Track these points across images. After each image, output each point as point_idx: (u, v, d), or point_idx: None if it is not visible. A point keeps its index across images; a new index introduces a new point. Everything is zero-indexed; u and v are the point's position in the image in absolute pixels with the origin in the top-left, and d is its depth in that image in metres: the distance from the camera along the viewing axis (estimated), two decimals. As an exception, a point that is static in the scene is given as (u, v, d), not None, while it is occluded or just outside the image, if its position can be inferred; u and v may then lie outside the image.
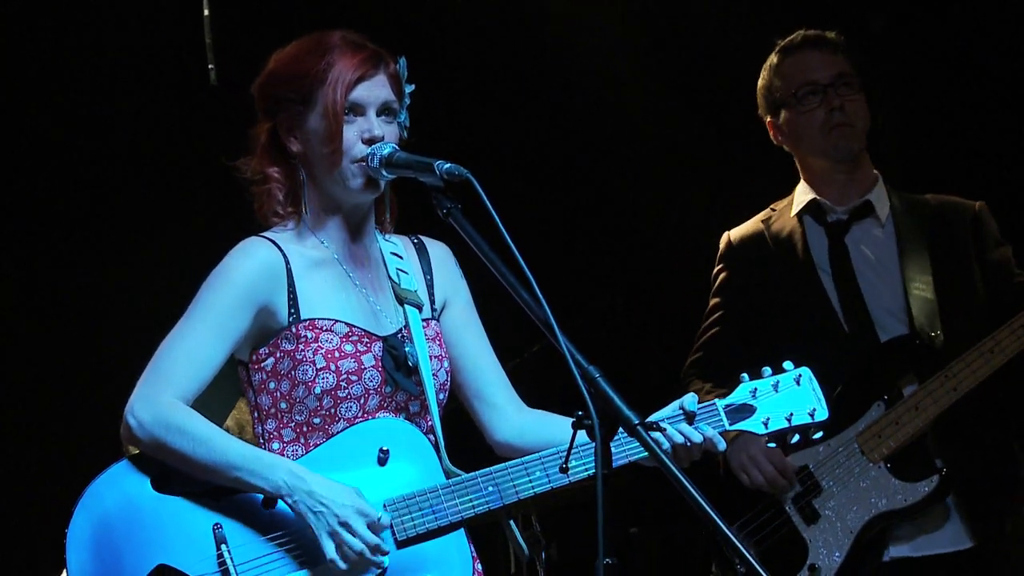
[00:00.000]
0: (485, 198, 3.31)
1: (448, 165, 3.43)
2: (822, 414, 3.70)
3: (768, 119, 5.02)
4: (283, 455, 3.66)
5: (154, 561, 3.53)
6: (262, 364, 3.68)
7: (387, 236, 3.85)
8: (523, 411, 3.88)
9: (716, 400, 3.69)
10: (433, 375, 3.73)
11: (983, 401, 4.67)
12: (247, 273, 3.65)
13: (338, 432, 3.65)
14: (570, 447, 3.32)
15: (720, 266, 5.06)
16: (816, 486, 4.70)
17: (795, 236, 4.92)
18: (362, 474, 3.64)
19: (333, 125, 3.64)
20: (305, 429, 3.66)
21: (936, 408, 4.60)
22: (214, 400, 3.69)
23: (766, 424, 3.70)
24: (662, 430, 3.52)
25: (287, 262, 3.68)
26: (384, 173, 3.63)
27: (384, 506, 3.61)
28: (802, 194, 4.98)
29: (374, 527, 3.55)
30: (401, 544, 3.60)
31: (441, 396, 3.77)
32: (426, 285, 3.84)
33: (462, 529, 3.64)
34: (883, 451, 4.64)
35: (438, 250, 3.90)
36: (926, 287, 4.76)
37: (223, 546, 3.56)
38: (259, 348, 3.68)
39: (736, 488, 4.73)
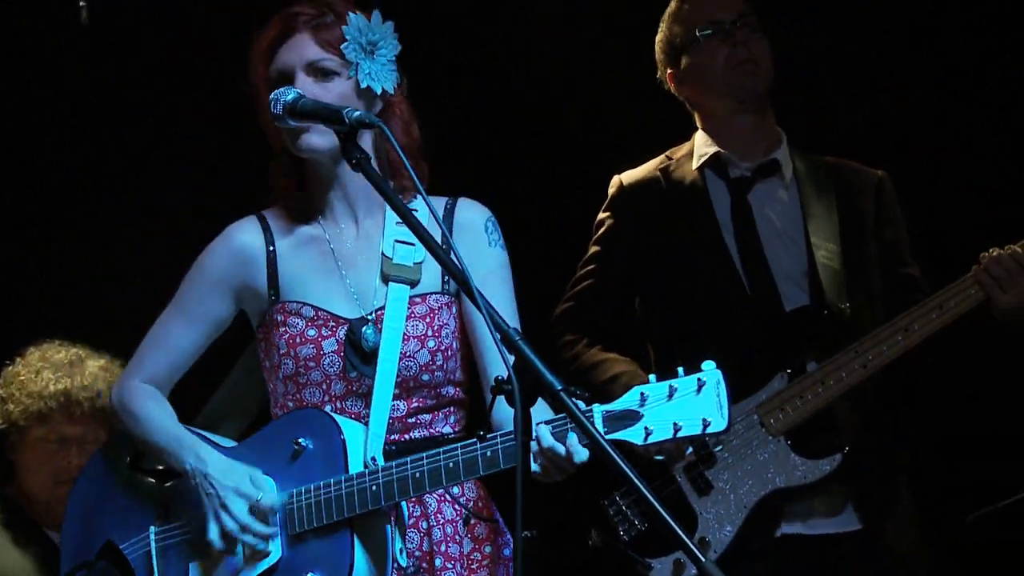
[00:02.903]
0: (397, 146, 3.30)
1: (359, 113, 3.39)
2: (718, 425, 3.23)
3: (668, 71, 4.85)
4: None
5: (107, 536, 3.76)
6: (259, 341, 3.75)
7: (413, 201, 3.66)
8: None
9: (595, 405, 3.31)
10: (408, 356, 3.57)
11: (883, 382, 4.55)
12: (217, 259, 3.74)
13: None
14: (488, 412, 3.22)
15: (608, 212, 4.82)
16: (710, 456, 4.53)
17: (696, 188, 4.73)
18: (276, 467, 3.60)
19: (256, 96, 3.63)
20: (285, 411, 3.67)
21: (842, 384, 4.46)
22: (256, 373, 3.79)
23: (648, 434, 3.27)
24: (584, 398, 3.25)
25: (270, 243, 3.69)
26: (290, 122, 3.51)
27: (290, 498, 3.53)
28: (704, 146, 4.79)
29: (255, 509, 3.50)
30: (293, 540, 3.52)
31: (426, 377, 3.60)
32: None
33: (349, 528, 3.48)
34: (785, 424, 4.48)
35: (466, 215, 3.71)
36: (832, 256, 4.62)
37: (152, 527, 3.71)
38: (258, 327, 3.74)
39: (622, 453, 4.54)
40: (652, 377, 3.29)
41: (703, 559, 2.90)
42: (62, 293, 5.78)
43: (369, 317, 3.61)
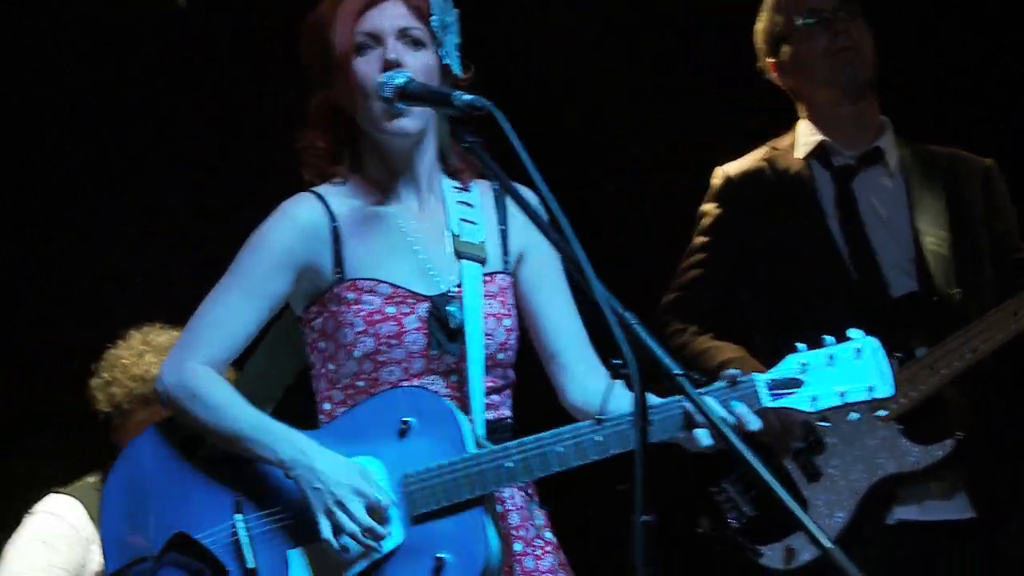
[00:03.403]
0: (510, 131, 3.16)
1: (469, 96, 3.29)
2: (884, 390, 3.32)
3: (769, 60, 4.86)
4: (333, 417, 3.55)
5: (174, 528, 3.48)
6: (312, 323, 3.58)
7: (462, 185, 3.66)
8: (600, 378, 3.62)
9: (754, 375, 3.38)
10: (488, 335, 3.53)
11: (995, 366, 4.55)
12: (284, 235, 3.55)
13: None
14: (604, 399, 3.25)
15: (713, 204, 4.84)
16: (819, 442, 4.54)
17: (803, 178, 4.75)
18: (381, 447, 3.47)
19: (342, 62, 3.49)
20: (351, 392, 3.54)
21: (952, 370, 4.46)
22: (280, 357, 3.75)
23: (814, 401, 3.36)
24: (702, 382, 3.29)
25: (333, 220, 3.55)
26: (398, 105, 3.44)
27: (403, 479, 3.44)
28: (807, 135, 4.81)
29: (373, 509, 3.40)
30: (416, 520, 3.42)
31: (501, 356, 3.56)
32: (500, 236, 3.63)
33: (481, 506, 3.43)
34: (895, 410, 4.47)
35: (522, 197, 3.65)
36: (941, 243, 4.62)
37: (237, 515, 3.48)
38: (310, 306, 3.58)
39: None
40: (802, 346, 3.36)
41: (828, 543, 2.90)
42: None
43: (450, 294, 3.56)
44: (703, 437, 3.32)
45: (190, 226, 5.73)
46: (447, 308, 3.51)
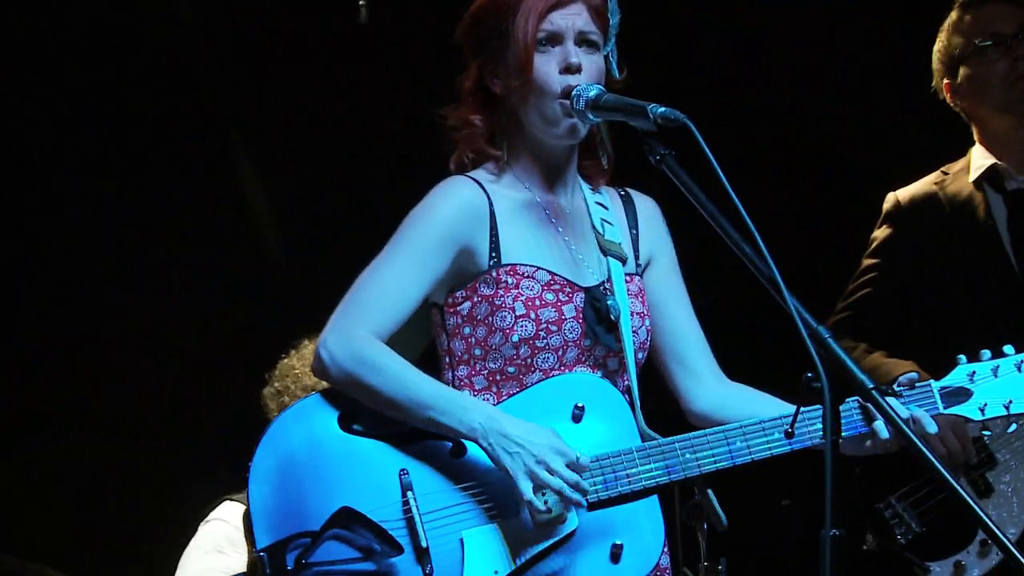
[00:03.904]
0: (704, 145, 3.18)
1: (663, 109, 3.32)
2: None
3: (945, 82, 4.88)
4: None
5: (338, 502, 3.41)
6: (458, 308, 3.58)
7: (592, 187, 3.73)
8: (724, 382, 3.75)
9: (931, 381, 3.54)
10: (633, 332, 3.61)
11: None
12: (450, 211, 3.55)
13: (533, 383, 3.54)
14: (797, 410, 3.30)
15: (884, 225, 4.90)
16: (991, 458, 4.58)
17: (975, 202, 4.79)
18: (555, 428, 3.48)
19: (523, 54, 3.52)
20: (498, 378, 3.56)
21: None
22: (398, 343, 3.57)
23: (983, 410, 3.55)
24: (897, 395, 3.40)
25: (490, 203, 3.57)
26: (590, 116, 3.50)
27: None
28: (980, 158, 4.84)
29: (574, 466, 3.41)
30: (591, 507, 3.46)
31: (640, 356, 3.64)
32: (631, 239, 3.72)
33: (655, 496, 3.51)
34: None
35: (646, 204, 3.78)
36: None
37: (409, 493, 3.44)
38: (456, 291, 3.58)
39: (898, 454, 4.62)
40: (985, 353, 3.53)
41: (1017, 552, 2.98)
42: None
43: (605, 287, 3.63)
44: (882, 429, 3.44)
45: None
46: (607, 301, 3.57)
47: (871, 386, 3.09)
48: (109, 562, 5.56)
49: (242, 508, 4.67)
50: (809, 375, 3.04)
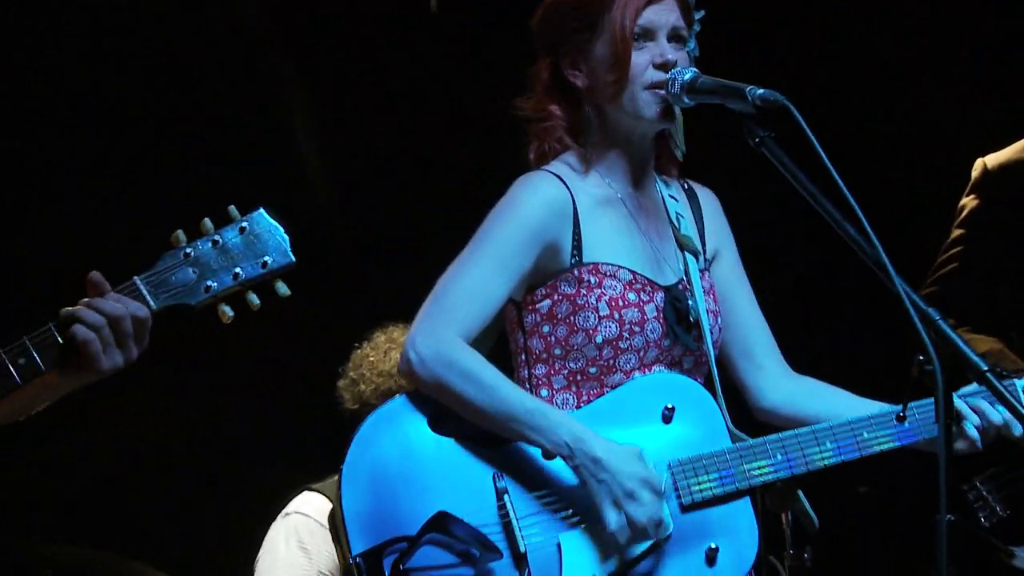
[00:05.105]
0: (805, 126, 3.18)
1: (762, 91, 3.32)
2: None
3: None
4: (552, 403, 3.54)
5: (434, 506, 3.41)
6: (537, 306, 3.57)
7: (664, 180, 3.73)
8: (792, 377, 3.76)
9: (1016, 379, 3.46)
10: (709, 330, 3.60)
11: None
12: (536, 209, 3.54)
13: (614, 384, 3.56)
14: (907, 395, 3.28)
15: (972, 195, 4.78)
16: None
17: None
18: (646, 431, 3.52)
19: (620, 50, 3.53)
20: (579, 378, 3.57)
21: None
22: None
23: None
24: (1009, 377, 3.33)
25: (573, 200, 3.56)
26: (685, 99, 3.50)
27: (668, 466, 3.49)
28: None
29: (659, 494, 3.44)
30: (686, 508, 3.48)
31: (715, 353, 3.63)
32: (698, 232, 3.71)
33: (748, 497, 3.51)
34: None
35: (709, 197, 3.78)
36: None
37: (505, 496, 3.45)
38: (535, 288, 3.57)
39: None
40: None
41: None
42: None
43: (681, 286, 3.63)
44: (971, 430, 3.46)
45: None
46: (687, 301, 3.58)
47: (985, 368, 3.03)
48: (191, 553, 5.66)
49: (323, 500, 4.68)
50: (921, 358, 3.00)
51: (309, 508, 4.78)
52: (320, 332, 5.54)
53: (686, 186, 3.77)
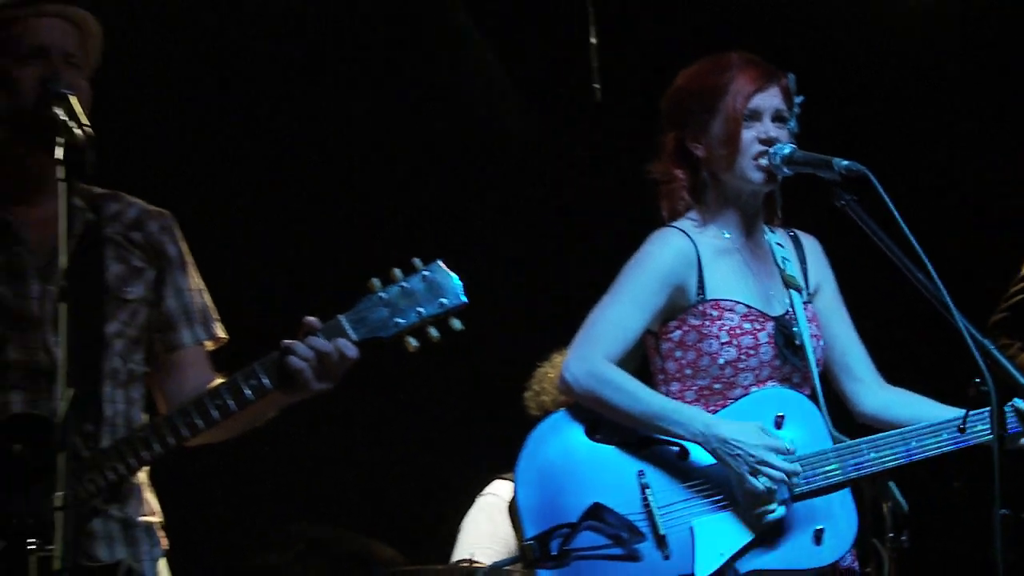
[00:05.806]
0: (882, 191, 3.75)
1: (846, 162, 3.86)
2: None
3: None
4: None
5: (589, 499, 3.91)
6: (670, 335, 4.16)
7: (772, 229, 4.32)
8: (886, 387, 4.34)
9: None
10: (812, 351, 4.18)
11: None
12: (666, 258, 4.13)
13: (736, 397, 4.11)
14: (967, 410, 3.88)
15: None
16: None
17: None
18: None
19: (733, 128, 4.10)
20: (706, 393, 4.12)
21: None
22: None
23: None
24: None
25: (696, 249, 4.14)
26: (785, 169, 4.08)
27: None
28: None
29: (785, 454, 3.97)
30: (796, 498, 4.02)
31: (818, 369, 4.19)
32: (802, 272, 4.30)
33: (848, 488, 4.08)
34: None
35: (811, 242, 4.38)
36: None
37: (647, 490, 4.01)
38: (668, 321, 4.15)
39: None
40: None
41: None
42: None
43: (787, 316, 4.16)
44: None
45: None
46: (793, 328, 4.17)
47: None
48: (414, 531, 6.31)
49: (510, 485, 5.23)
50: (977, 380, 3.58)
51: (500, 490, 5.67)
52: (506, 359, 6.09)
53: (792, 234, 4.35)
